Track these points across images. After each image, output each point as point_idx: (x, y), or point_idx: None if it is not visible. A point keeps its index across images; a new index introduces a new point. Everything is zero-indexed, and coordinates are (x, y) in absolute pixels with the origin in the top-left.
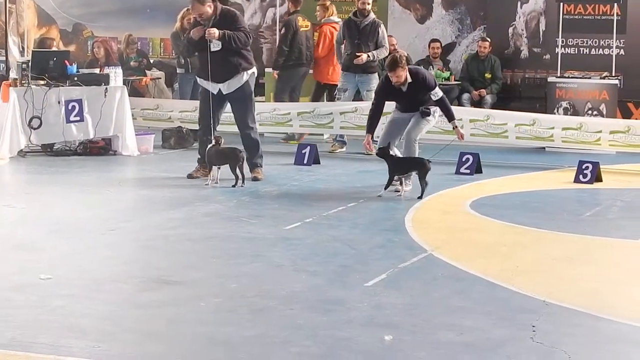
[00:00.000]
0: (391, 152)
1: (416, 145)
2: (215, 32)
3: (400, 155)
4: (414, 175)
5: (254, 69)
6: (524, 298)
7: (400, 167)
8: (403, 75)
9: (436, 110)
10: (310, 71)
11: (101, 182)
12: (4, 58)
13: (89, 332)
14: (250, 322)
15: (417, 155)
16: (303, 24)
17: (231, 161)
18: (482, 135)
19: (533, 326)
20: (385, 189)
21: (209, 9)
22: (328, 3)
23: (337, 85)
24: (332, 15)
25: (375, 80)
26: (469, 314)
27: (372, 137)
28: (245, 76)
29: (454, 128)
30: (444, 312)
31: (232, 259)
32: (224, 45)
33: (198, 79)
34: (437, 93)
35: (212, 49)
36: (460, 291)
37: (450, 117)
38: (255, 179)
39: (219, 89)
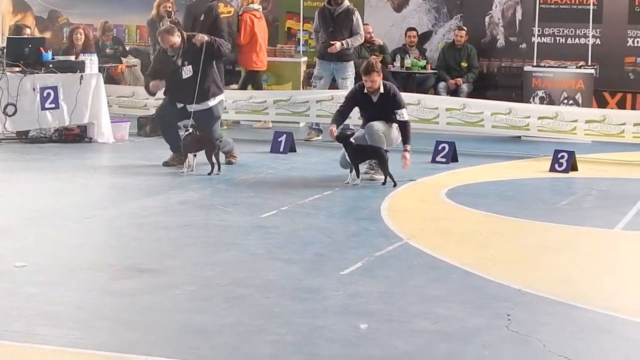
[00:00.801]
0: (351, 140)
1: (380, 135)
2: (203, 37)
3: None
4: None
5: (223, 96)
6: (499, 287)
7: (359, 155)
8: (377, 81)
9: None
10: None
11: (76, 170)
12: None
13: (63, 320)
14: (226, 310)
15: (379, 145)
16: (224, 10)
17: (207, 148)
18: (458, 124)
19: (508, 315)
20: (358, 177)
21: (177, 38)
22: None
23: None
24: (251, 3)
25: (350, 68)
26: (444, 303)
27: (337, 128)
28: (212, 102)
29: (403, 151)
30: (419, 301)
31: (208, 247)
32: (205, 56)
33: (166, 97)
34: (404, 114)
35: (184, 77)
36: (435, 280)
37: (406, 140)
38: (230, 162)
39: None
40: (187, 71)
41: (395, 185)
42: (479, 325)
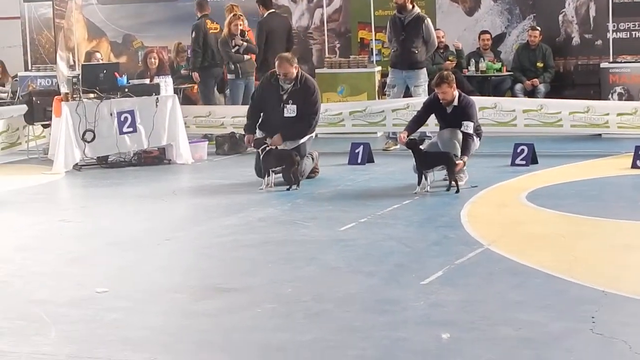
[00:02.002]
0: (421, 147)
1: (454, 143)
2: (279, 141)
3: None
4: (468, 167)
5: (314, 134)
6: (583, 289)
7: (426, 162)
8: (449, 93)
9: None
10: None
11: (156, 192)
12: (55, 73)
13: (144, 344)
14: (306, 326)
15: (453, 152)
16: (212, 26)
17: (286, 164)
18: (536, 125)
19: (592, 317)
20: (419, 184)
21: (294, 70)
22: (232, 6)
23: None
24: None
25: (423, 76)
26: (527, 308)
27: (408, 136)
28: (305, 138)
29: (460, 158)
30: (501, 308)
31: (287, 263)
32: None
33: (258, 130)
34: (469, 127)
35: (285, 114)
36: (517, 285)
37: (463, 151)
38: (310, 177)
39: None
40: (290, 110)
41: (457, 191)
42: (562, 330)
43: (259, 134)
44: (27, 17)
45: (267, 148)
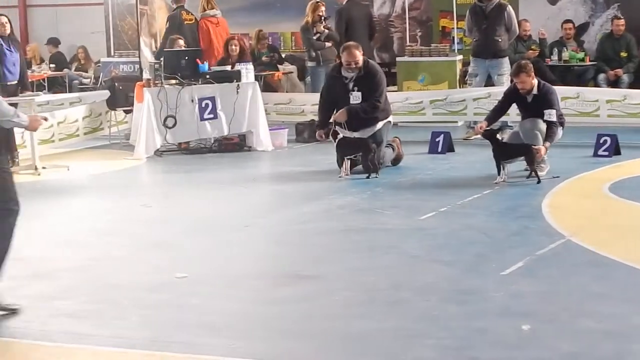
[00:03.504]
0: (498, 136)
1: (535, 133)
2: (343, 116)
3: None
4: (550, 157)
5: (390, 118)
6: None
7: (504, 153)
8: (528, 82)
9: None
10: None
11: (236, 179)
12: (137, 59)
13: (223, 330)
14: (385, 315)
15: (534, 143)
16: (187, 17)
17: (363, 152)
18: (619, 115)
19: None
20: (499, 174)
21: (361, 57)
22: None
23: None
24: (209, 9)
25: (506, 65)
26: (609, 301)
27: (488, 126)
28: (379, 125)
29: (542, 144)
30: (583, 300)
31: (367, 252)
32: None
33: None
34: (552, 115)
35: (352, 101)
36: (599, 277)
37: (547, 138)
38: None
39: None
40: (356, 97)
41: (539, 182)
42: None
43: (336, 127)
44: (110, 3)
45: (340, 136)
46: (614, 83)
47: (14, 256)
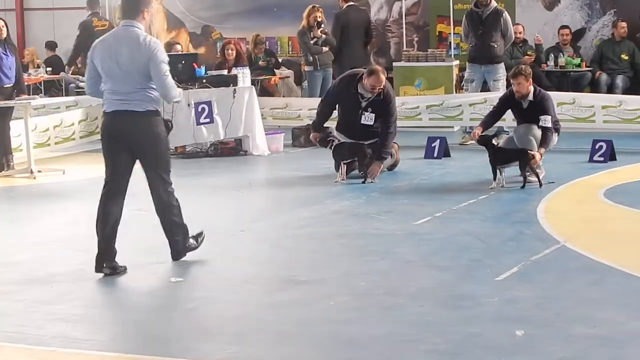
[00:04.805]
0: (494, 142)
1: (530, 139)
2: (378, 171)
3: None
4: (545, 163)
5: None
6: None
7: (500, 158)
8: (525, 86)
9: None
10: None
11: (232, 183)
12: None
13: (219, 334)
14: (379, 320)
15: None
16: (99, 24)
17: (358, 157)
18: (615, 121)
19: None
20: (494, 179)
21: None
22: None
23: None
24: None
25: (502, 70)
26: (603, 306)
27: (483, 131)
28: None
29: (537, 150)
30: (577, 305)
31: (362, 257)
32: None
33: (336, 131)
34: (547, 121)
35: (362, 121)
36: (594, 283)
37: (542, 144)
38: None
39: None
40: (368, 118)
41: (523, 187)
42: (639, 329)
43: (337, 135)
44: (107, 7)
45: (336, 141)
46: (610, 87)
47: (9, 260)
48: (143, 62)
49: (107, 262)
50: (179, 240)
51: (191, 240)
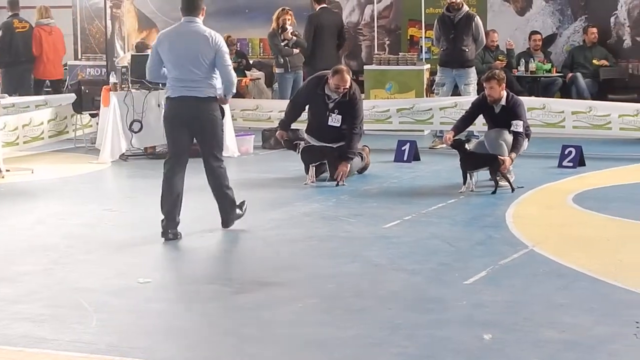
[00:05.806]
0: (467, 147)
1: (500, 143)
2: (346, 171)
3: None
4: (515, 168)
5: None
6: (628, 293)
7: (470, 162)
8: (497, 90)
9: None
10: None
11: (201, 185)
12: (104, 63)
13: (186, 336)
14: (348, 322)
15: (498, 153)
16: (19, 25)
17: (327, 159)
18: (584, 127)
19: (637, 322)
20: (464, 183)
21: (349, 84)
22: (40, 7)
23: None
24: (41, 18)
25: (473, 74)
26: (571, 311)
27: (455, 136)
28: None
29: (508, 155)
30: (545, 310)
31: (331, 259)
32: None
33: (306, 134)
34: (519, 126)
35: (329, 123)
36: (562, 287)
37: (513, 149)
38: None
39: None
40: (335, 120)
41: (494, 192)
42: (606, 334)
43: (307, 138)
44: (78, 6)
45: (303, 144)
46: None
47: None
48: (210, 54)
49: (171, 229)
50: (228, 210)
51: (238, 210)
